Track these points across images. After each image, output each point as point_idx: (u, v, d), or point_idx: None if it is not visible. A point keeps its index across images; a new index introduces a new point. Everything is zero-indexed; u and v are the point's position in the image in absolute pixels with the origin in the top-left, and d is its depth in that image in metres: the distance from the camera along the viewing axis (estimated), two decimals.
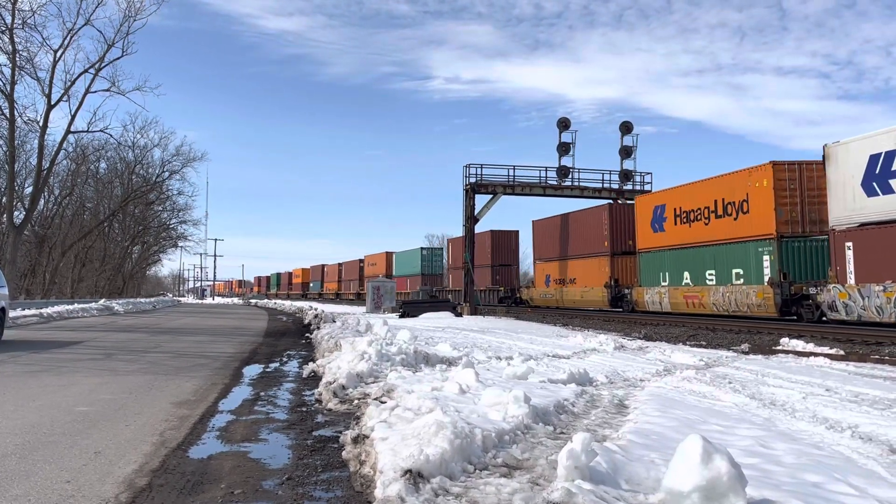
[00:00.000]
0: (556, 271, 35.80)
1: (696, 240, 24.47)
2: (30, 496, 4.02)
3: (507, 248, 46.19)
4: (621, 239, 30.13)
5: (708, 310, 23.33)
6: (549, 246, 36.91)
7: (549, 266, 36.80)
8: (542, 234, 38.24)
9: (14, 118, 35.71)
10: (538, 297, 37.81)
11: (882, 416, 6.48)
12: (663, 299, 26.02)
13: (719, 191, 23.17)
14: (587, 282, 32.27)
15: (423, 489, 3.74)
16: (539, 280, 38.42)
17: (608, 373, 9.61)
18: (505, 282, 44.74)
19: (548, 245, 37.20)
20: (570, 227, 34.59)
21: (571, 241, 34.32)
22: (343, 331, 15.71)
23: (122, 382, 8.69)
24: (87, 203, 56.83)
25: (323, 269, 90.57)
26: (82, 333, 18.13)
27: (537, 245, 38.69)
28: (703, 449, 3.24)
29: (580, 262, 33.09)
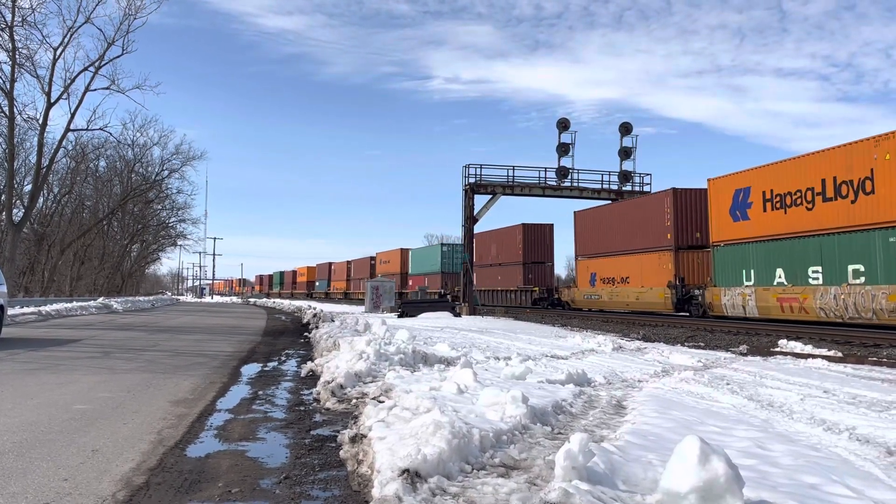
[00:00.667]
0: (604, 269, 30.98)
1: (794, 229, 19.81)
2: (27, 494, 4.01)
3: (540, 243, 40.92)
4: (687, 230, 25.95)
5: (812, 315, 18.89)
6: (596, 240, 32.14)
7: (595, 263, 31.95)
8: (586, 227, 33.32)
9: (14, 116, 35.68)
10: (581, 298, 33.15)
11: (880, 418, 6.48)
12: (748, 302, 21.41)
13: (830, 167, 18.66)
14: (644, 280, 27.58)
15: (421, 489, 3.74)
16: (582, 279, 33.42)
17: (606, 373, 9.62)
18: (539, 281, 39.75)
19: (593, 239, 32.40)
20: (621, 217, 30.10)
21: (624, 234, 29.54)
22: (342, 330, 15.70)
23: (120, 381, 8.69)
24: (87, 201, 56.77)
25: (330, 268, 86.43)
26: (81, 331, 18.11)
27: (580, 239, 33.75)
28: (701, 450, 3.24)
29: (635, 259, 28.43)
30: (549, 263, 41.27)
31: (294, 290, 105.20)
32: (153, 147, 57.85)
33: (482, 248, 45.20)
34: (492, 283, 45.13)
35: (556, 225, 45.15)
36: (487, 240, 45.54)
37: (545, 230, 41.23)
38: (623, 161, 36.58)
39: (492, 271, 45.11)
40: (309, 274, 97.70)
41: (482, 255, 44.94)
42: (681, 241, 26.08)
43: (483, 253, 45.05)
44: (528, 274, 40.15)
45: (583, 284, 33.38)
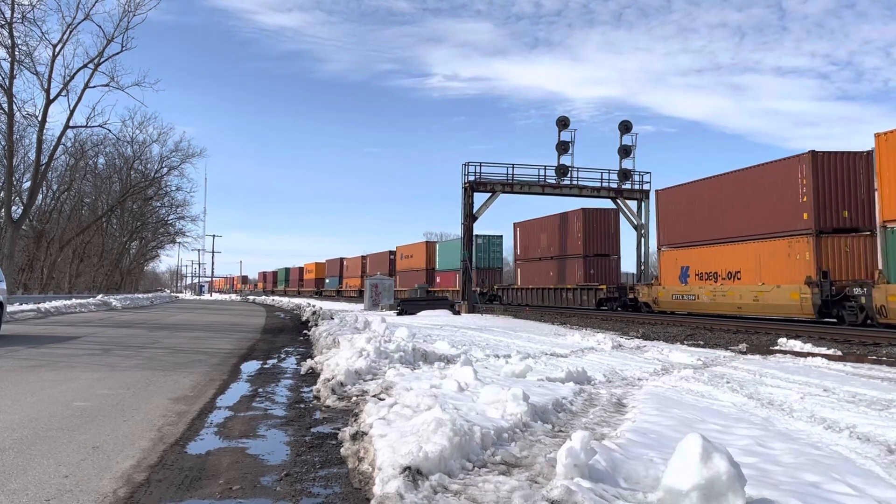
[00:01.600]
0: (702, 261, 24.51)
1: None
2: (27, 490, 4.01)
3: (604, 231, 34.72)
4: (831, 208, 19.67)
5: None
6: (688, 224, 25.61)
7: (688, 254, 25.39)
8: (674, 209, 26.76)
9: (13, 112, 35.63)
10: (668, 299, 26.41)
11: (880, 417, 6.49)
12: None
13: None
14: (765, 276, 21.45)
15: (422, 486, 3.73)
16: (669, 274, 26.59)
17: (606, 371, 9.62)
18: (603, 277, 33.77)
19: (685, 223, 25.81)
20: (728, 194, 23.78)
21: (731, 216, 23.29)
22: (341, 328, 15.70)
23: (120, 378, 8.68)
24: (86, 198, 56.73)
25: (342, 264, 79.53)
26: (80, 329, 18.10)
27: (666, 224, 27.35)
28: (703, 448, 3.24)
29: (751, 248, 22.17)
30: (614, 256, 34.86)
31: (301, 288, 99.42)
32: (152, 144, 57.80)
33: (528, 238, 40.06)
34: (541, 280, 38.35)
35: None
36: (534, 229, 39.67)
37: (609, 217, 35.29)
38: (623, 159, 36.58)
39: (541, 266, 38.68)
40: (318, 270, 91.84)
41: (527, 248, 39.95)
42: (823, 222, 19.60)
43: (529, 244, 39.78)
44: (590, 269, 33.74)
45: (669, 281, 26.46)
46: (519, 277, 42.02)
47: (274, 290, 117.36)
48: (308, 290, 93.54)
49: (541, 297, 37.98)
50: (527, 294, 39.73)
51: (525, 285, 40.28)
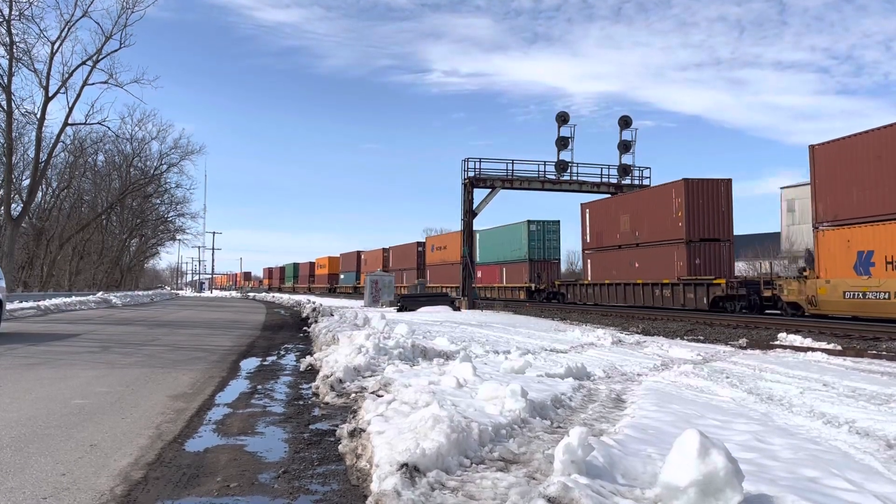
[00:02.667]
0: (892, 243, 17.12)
1: None
2: (24, 489, 4.00)
3: (713, 209, 26.52)
4: None
5: None
6: (871, 189, 17.97)
7: (870, 233, 17.88)
8: (843, 169, 19.01)
9: (11, 110, 35.60)
10: (835, 297, 18.97)
11: (879, 412, 6.48)
12: None
13: None
14: None
15: (419, 483, 3.73)
16: (835, 262, 18.98)
17: (606, 367, 9.62)
18: (712, 267, 25.93)
19: (865, 188, 18.17)
20: None
21: None
22: (341, 324, 15.70)
23: (119, 375, 8.67)
24: (85, 196, 56.68)
25: (359, 258, 73.24)
26: (79, 326, 18.10)
27: (827, 191, 19.41)
28: (700, 443, 3.23)
29: None
30: (726, 242, 26.68)
31: (312, 285, 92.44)
32: (152, 141, 57.78)
33: (602, 221, 32.20)
34: (622, 273, 30.23)
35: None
36: (612, 209, 31.74)
37: (720, 190, 26.65)
38: (622, 154, 36.59)
39: (621, 257, 30.56)
40: (331, 265, 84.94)
41: (601, 234, 32.25)
42: None
43: (604, 229, 31.99)
44: (694, 258, 26.10)
45: (837, 271, 18.88)
46: (589, 271, 33.53)
47: (281, 288, 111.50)
48: (320, 287, 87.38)
49: (622, 295, 29.96)
50: (601, 291, 31.59)
51: (598, 280, 32.01)
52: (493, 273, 43.23)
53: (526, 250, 40.46)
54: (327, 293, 76.03)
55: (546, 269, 40.33)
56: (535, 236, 40.46)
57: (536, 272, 39.55)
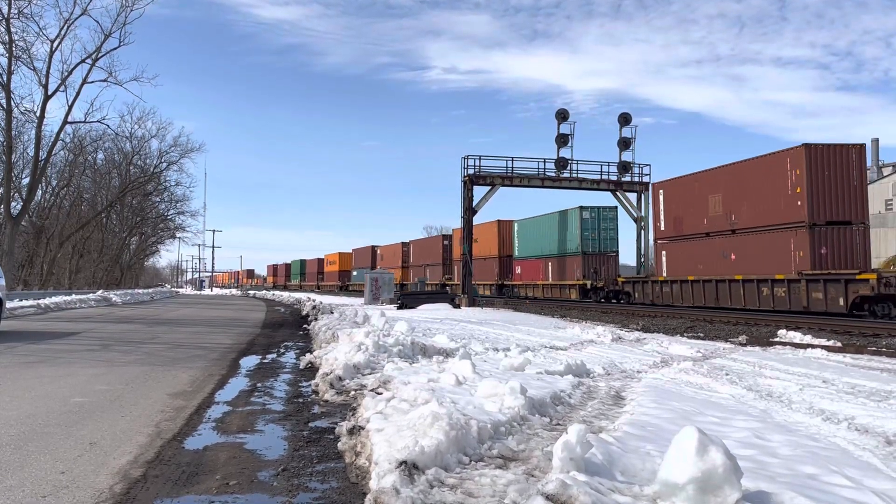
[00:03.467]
0: None
1: None
2: (24, 487, 4.00)
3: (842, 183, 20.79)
4: None
5: None
6: None
7: None
8: None
9: (11, 108, 35.61)
10: None
11: (878, 408, 6.48)
12: None
13: None
14: None
15: (418, 480, 3.73)
16: None
17: (605, 364, 9.62)
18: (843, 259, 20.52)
19: None
20: None
21: None
22: (340, 322, 15.70)
23: (119, 373, 8.68)
24: (85, 194, 56.67)
25: (374, 253, 67.79)
26: (79, 324, 18.10)
27: None
28: (699, 441, 3.23)
29: None
30: (860, 225, 20.94)
31: (321, 282, 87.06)
32: (151, 139, 57.76)
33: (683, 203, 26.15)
34: (711, 267, 24.52)
35: None
36: (693, 189, 25.73)
37: (850, 157, 20.91)
38: (622, 152, 36.51)
39: (709, 246, 24.97)
40: (342, 262, 79.06)
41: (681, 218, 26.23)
42: None
43: (686, 213, 25.89)
44: (818, 246, 20.61)
45: None
46: (664, 265, 27.33)
47: (287, 285, 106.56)
48: (330, 285, 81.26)
49: (711, 295, 24.25)
50: (681, 290, 25.67)
51: (676, 276, 25.96)
52: (535, 269, 36.97)
53: (578, 242, 33.86)
54: (338, 291, 71.12)
55: (603, 263, 33.53)
56: (589, 225, 33.78)
57: (592, 267, 33.19)
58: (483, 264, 43.35)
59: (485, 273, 43.10)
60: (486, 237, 43.53)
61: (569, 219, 35.82)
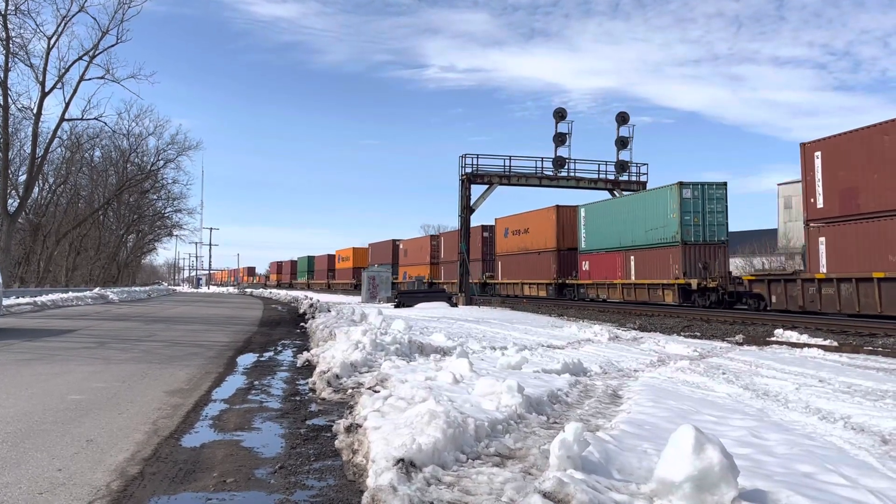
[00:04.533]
0: None
1: None
2: (20, 484, 4.00)
3: None
4: None
5: None
6: None
7: None
8: None
9: (8, 105, 35.54)
10: None
11: (874, 407, 6.50)
12: None
13: None
14: None
15: (416, 478, 3.73)
16: None
17: (602, 363, 9.63)
18: None
19: None
20: None
21: None
22: (338, 320, 15.70)
23: (116, 371, 8.67)
24: (82, 191, 56.56)
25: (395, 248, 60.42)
26: (76, 322, 18.08)
27: None
28: (696, 439, 3.24)
29: None
30: None
31: (332, 280, 79.95)
32: (148, 137, 57.73)
33: (850, 169, 18.84)
34: None
35: None
36: (875, 146, 18.08)
37: None
38: (620, 151, 36.49)
39: None
40: (356, 258, 71.11)
41: (851, 191, 18.84)
42: None
43: (857, 182, 18.60)
44: None
45: None
46: (822, 256, 19.82)
47: (293, 284, 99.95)
48: (342, 283, 73.36)
49: None
50: (856, 292, 18.07)
51: (844, 272, 18.67)
52: (611, 264, 30.00)
53: (677, 228, 25.99)
54: (353, 290, 61.63)
55: (711, 256, 25.76)
56: (691, 206, 26.01)
57: (700, 261, 25.59)
58: (534, 261, 36.52)
59: (537, 270, 36.16)
60: (540, 227, 36.38)
61: (661, 199, 27.35)
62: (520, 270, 38.82)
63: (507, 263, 40.74)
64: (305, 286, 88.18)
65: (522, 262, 38.60)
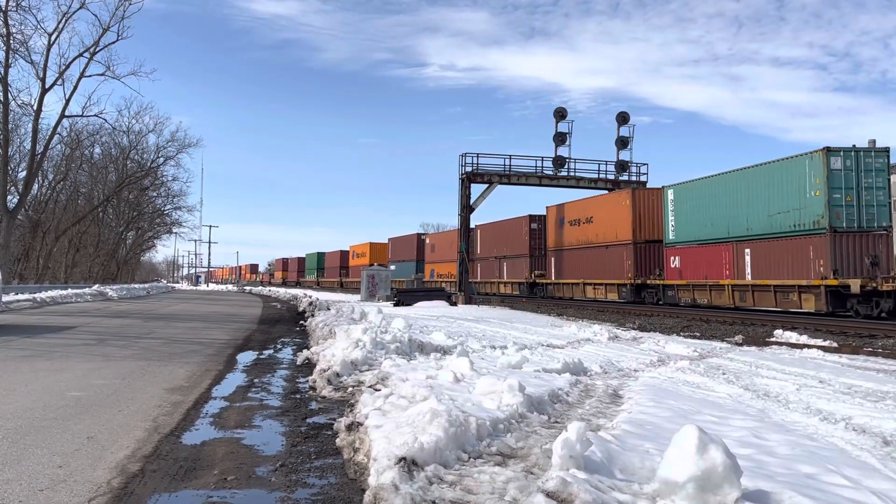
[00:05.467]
0: None
1: None
2: (21, 480, 3.99)
3: None
4: None
5: None
6: None
7: None
8: None
9: (8, 101, 35.49)
10: None
11: (875, 409, 6.49)
12: None
13: None
14: None
15: (417, 477, 3.72)
16: None
17: (602, 363, 9.62)
18: None
19: None
20: None
21: None
22: (337, 318, 15.69)
23: (115, 368, 8.66)
24: (82, 188, 56.50)
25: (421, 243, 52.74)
26: (76, 318, 18.06)
27: None
28: (699, 439, 3.23)
29: None
30: None
31: (345, 278, 73.47)
32: (148, 134, 57.60)
33: None
34: None
35: None
36: None
37: None
38: (620, 151, 36.47)
39: None
40: (374, 254, 63.76)
41: None
42: None
43: None
44: None
45: None
46: None
47: (301, 282, 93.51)
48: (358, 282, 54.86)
49: None
50: None
51: None
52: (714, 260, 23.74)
53: (823, 210, 19.32)
54: None
55: (870, 247, 19.38)
56: (842, 180, 19.39)
57: (869, 254, 19.14)
58: (601, 256, 30.16)
59: (606, 268, 29.88)
60: (610, 215, 29.62)
61: (795, 171, 20.60)
62: (581, 268, 32.20)
63: (563, 260, 33.78)
64: (315, 284, 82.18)
65: (584, 258, 31.98)
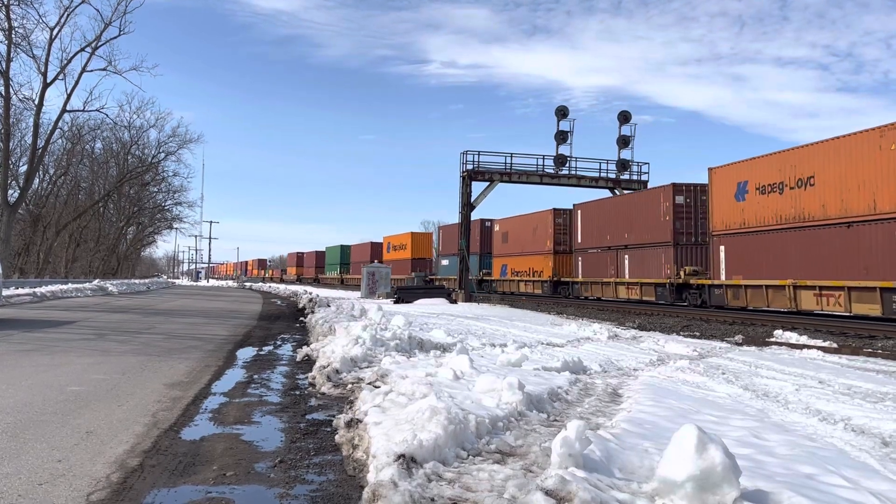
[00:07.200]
0: None
1: None
2: (20, 474, 3.99)
3: None
4: None
5: None
6: None
7: None
8: None
9: (9, 96, 35.50)
10: None
11: (874, 409, 6.49)
12: None
13: None
14: None
15: (416, 474, 3.72)
16: None
17: (602, 362, 9.62)
18: None
19: None
20: None
21: None
22: (337, 315, 15.69)
23: (115, 363, 8.66)
24: (82, 183, 56.54)
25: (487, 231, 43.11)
26: (75, 313, 18.06)
27: None
28: (698, 438, 3.23)
29: None
30: None
31: None
32: (150, 129, 57.80)
33: None
34: None
35: None
36: None
37: None
38: (621, 149, 36.48)
39: None
40: (415, 246, 53.63)
41: None
42: None
43: None
44: None
45: None
46: None
47: (319, 279, 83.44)
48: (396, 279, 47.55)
49: None
50: None
51: None
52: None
53: None
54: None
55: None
56: None
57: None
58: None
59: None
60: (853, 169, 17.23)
61: None
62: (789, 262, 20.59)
63: (747, 251, 21.88)
64: (338, 282, 70.95)
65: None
